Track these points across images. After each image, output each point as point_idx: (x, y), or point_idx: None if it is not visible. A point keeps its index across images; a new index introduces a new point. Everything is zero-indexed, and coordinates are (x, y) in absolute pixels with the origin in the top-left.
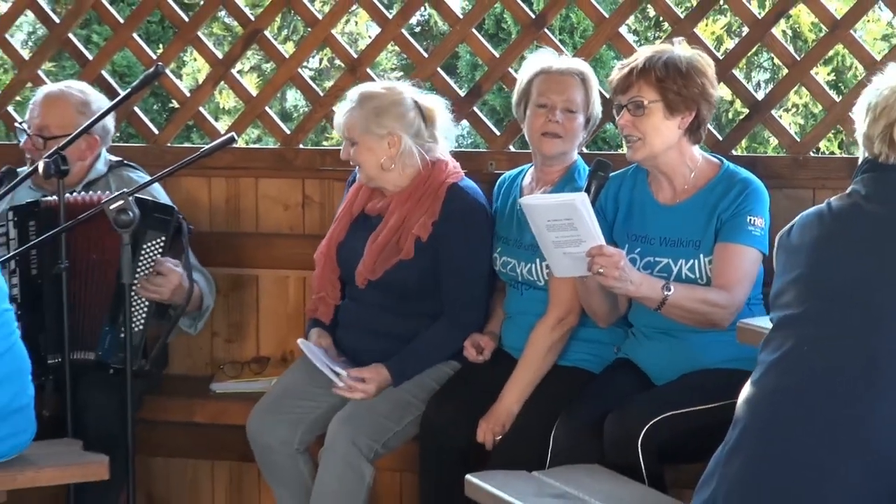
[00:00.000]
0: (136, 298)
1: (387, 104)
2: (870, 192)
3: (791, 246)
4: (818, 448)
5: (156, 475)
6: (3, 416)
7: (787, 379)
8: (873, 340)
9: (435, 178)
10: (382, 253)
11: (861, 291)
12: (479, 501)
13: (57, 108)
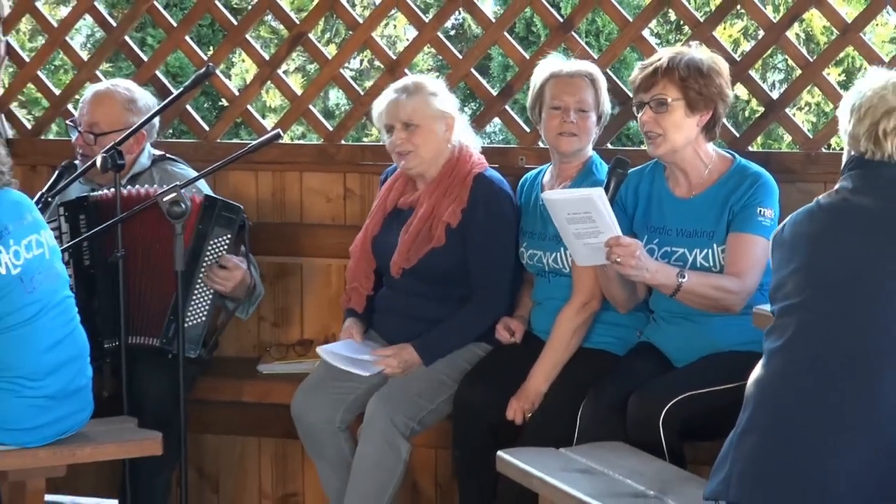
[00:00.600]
0: (201, 290)
1: (439, 89)
2: (857, 186)
3: (786, 242)
4: (824, 427)
5: (206, 451)
6: (64, 396)
7: (792, 363)
8: (871, 324)
9: (461, 168)
10: (415, 242)
11: (855, 279)
12: (510, 476)
13: (105, 106)
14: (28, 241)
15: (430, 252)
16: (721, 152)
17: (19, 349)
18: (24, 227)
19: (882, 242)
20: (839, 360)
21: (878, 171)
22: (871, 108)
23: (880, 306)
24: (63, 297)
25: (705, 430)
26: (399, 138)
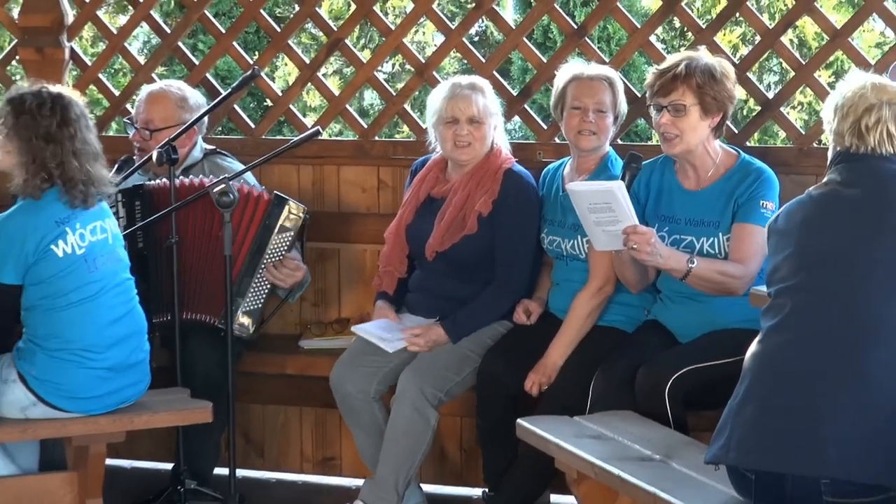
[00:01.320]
0: (260, 281)
1: (493, 93)
2: (844, 178)
3: (780, 230)
4: (816, 396)
5: (252, 419)
6: (123, 369)
7: (786, 338)
8: (857, 304)
9: (493, 163)
10: (450, 229)
11: (844, 261)
12: (528, 442)
13: (159, 105)
14: (93, 226)
15: (462, 239)
16: (727, 148)
17: (82, 323)
18: (90, 214)
19: (867, 230)
20: (829, 336)
21: (863, 163)
22: (853, 107)
23: (865, 288)
24: (123, 279)
25: (707, 400)
26: (465, 130)
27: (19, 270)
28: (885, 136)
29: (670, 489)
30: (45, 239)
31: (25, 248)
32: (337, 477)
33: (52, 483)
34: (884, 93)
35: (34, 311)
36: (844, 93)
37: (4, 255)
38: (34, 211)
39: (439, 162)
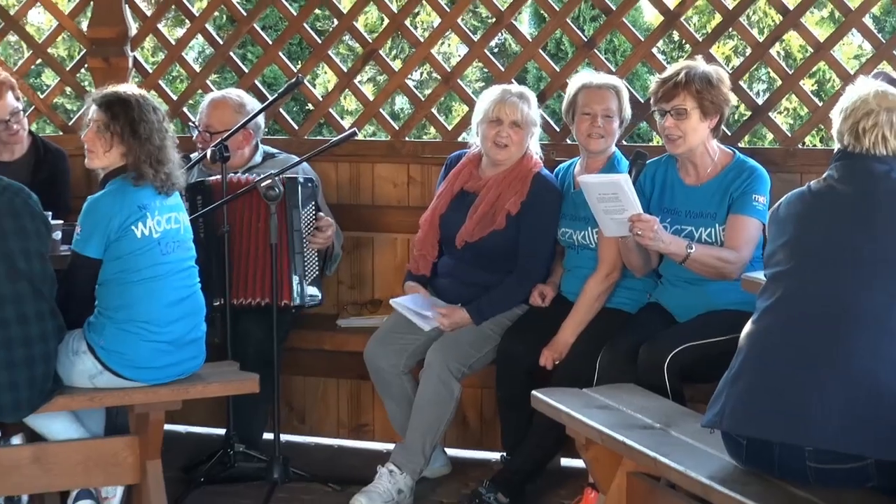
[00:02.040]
0: (309, 252)
1: (536, 105)
2: (840, 175)
3: (780, 219)
4: (804, 370)
5: (295, 390)
6: (182, 345)
7: (779, 318)
8: (844, 290)
9: (524, 167)
10: (480, 223)
11: (833, 253)
12: (542, 411)
13: (219, 110)
14: (168, 216)
15: (491, 233)
16: (724, 148)
17: (148, 299)
18: (167, 206)
19: (857, 223)
20: (818, 318)
21: (858, 162)
22: (855, 110)
23: (852, 276)
24: (189, 266)
25: (702, 374)
26: (506, 132)
27: (102, 245)
28: (879, 138)
29: (669, 454)
30: (128, 220)
31: (110, 226)
32: (369, 441)
33: (116, 446)
34: (885, 100)
35: (109, 285)
36: (851, 97)
37: (92, 230)
38: (122, 195)
39: (474, 159)
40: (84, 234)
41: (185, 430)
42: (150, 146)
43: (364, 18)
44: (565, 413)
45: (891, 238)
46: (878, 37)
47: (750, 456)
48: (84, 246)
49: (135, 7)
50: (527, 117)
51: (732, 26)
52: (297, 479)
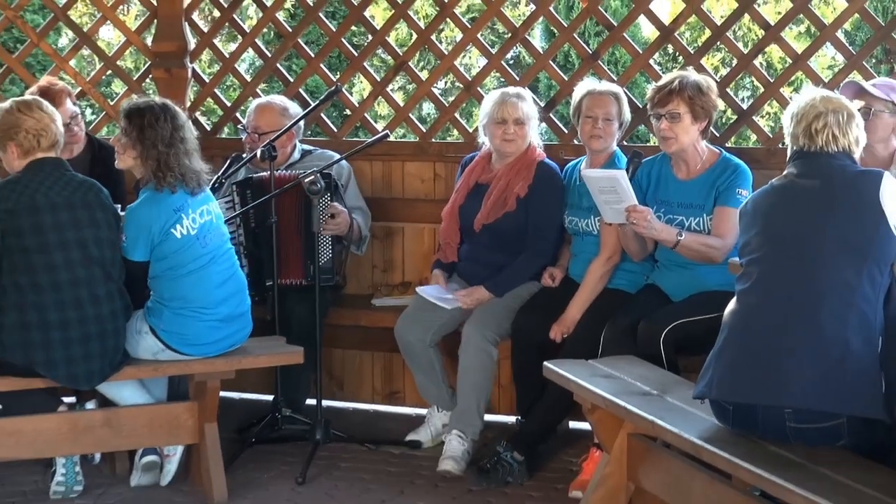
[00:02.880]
0: (322, 238)
1: (532, 101)
2: (800, 171)
3: (748, 213)
4: (779, 343)
5: (334, 361)
6: (231, 319)
7: (756, 298)
8: (810, 271)
9: (529, 157)
10: (494, 206)
11: (800, 238)
12: (553, 380)
13: (266, 114)
14: (201, 210)
15: (504, 215)
16: (712, 147)
17: (197, 287)
18: (198, 200)
19: (819, 212)
20: (788, 298)
21: (814, 159)
22: (805, 114)
23: (817, 259)
24: (227, 249)
25: (694, 347)
26: (511, 129)
27: (147, 249)
28: (830, 137)
29: (664, 417)
30: (167, 224)
31: (152, 231)
32: (400, 406)
33: (178, 410)
34: (829, 103)
35: (160, 279)
36: (799, 103)
37: (136, 238)
38: (156, 202)
39: (485, 156)
40: (129, 241)
41: (238, 396)
42: (154, 151)
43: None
44: (573, 381)
45: (849, 223)
46: (849, 49)
47: (736, 419)
48: (132, 252)
49: (193, 24)
50: (526, 113)
51: (720, 40)
52: (337, 439)
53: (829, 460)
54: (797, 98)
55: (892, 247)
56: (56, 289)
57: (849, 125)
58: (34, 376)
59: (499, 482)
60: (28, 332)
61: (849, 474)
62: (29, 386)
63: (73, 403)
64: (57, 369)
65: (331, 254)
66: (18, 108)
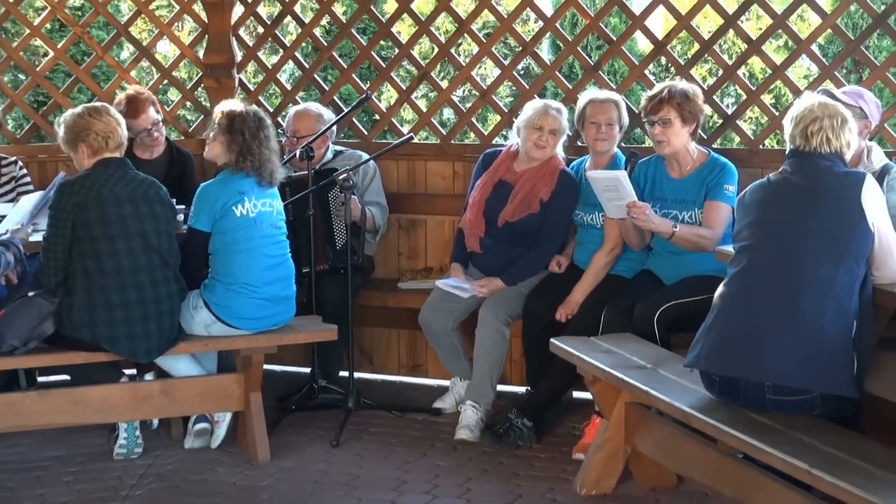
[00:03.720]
0: (337, 224)
1: (567, 117)
2: (793, 169)
3: (745, 204)
4: (763, 322)
5: (365, 338)
6: (277, 301)
7: (745, 282)
8: (795, 259)
9: (552, 164)
10: (519, 207)
11: (787, 230)
12: (559, 355)
13: (303, 120)
14: (264, 201)
15: (527, 216)
16: (701, 148)
17: (247, 265)
18: (265, 194)
19: (806, 208)
20: (775, 281)
21: (807, 159)
22: (803, 118)
23: (801, 250)
24: (280, 239)
25: (684, 326)
26: (546, 137)
27: (210, 221)
28: (824, 139)
29: (657, 388)
30: (229, 202)
31: (216, 205)
32: (423, 378)
33: (226, 381)
34: (826, 109)
35: (217, 255)
36: (799, 107)
37: (201, 209)
38: (226, 182)
39: (511, 155)
40: (196, 212)
41: (280, 369)
42: (240, 137)
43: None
44: (577, 356)
45: (833, 219)
46: (822, 61)
47: (721, 390)
48: (196, 221)
49: (240, 39)
50: (562, 127)
51: (708, 53)
52: (367, 407)
53: (804, 427)
54: (798, 103)
55: (868, 242)
56: (119, 274)
57: (842, 129)
58: (99, 351)
59: (510, 445)
60: (94, 312)
61: (821, 439)
62: (95, 359)
63: (134, 375)
64: (119, 345)
65: (345, 238)
66: (89, 113)
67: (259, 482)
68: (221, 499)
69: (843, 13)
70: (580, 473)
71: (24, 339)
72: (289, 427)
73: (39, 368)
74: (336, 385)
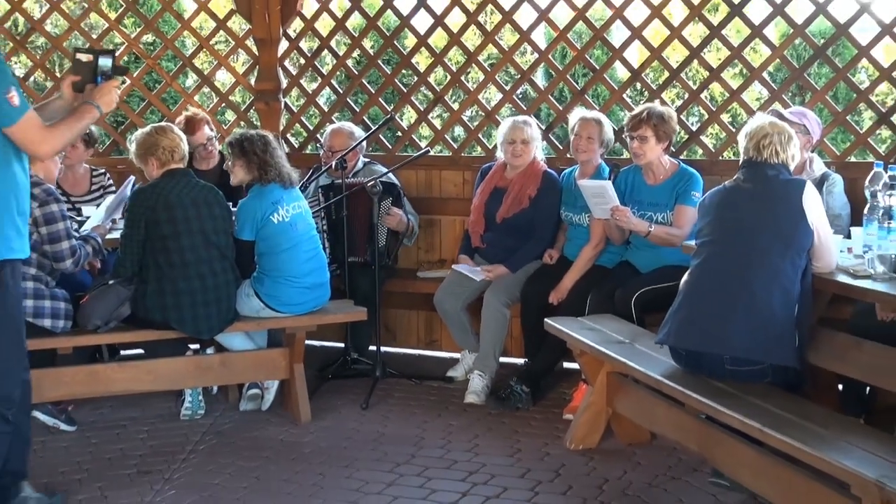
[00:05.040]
0: (380, 228)
1: (537, 126)
2: (746, 177)
3: (705, 206)
4: (722, 305)
5: (389, 317)
6: (315, 287)
7: (705, 271)
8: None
9: (535, 168)
10: (512, 204)
11: (741, 227)
12: (552, 332)
13: (338, 137)
14: (293, 204)
15: (519, 211)
16: (672, 160)
17: (290, 261)
18: (292, 197)
19: (756, 209)
20: (730, 271)
21: (758, 168)
22: (756, 133)
23: (752, 244)
24: (312, 235)
25: (657, 308)
26: (518, 147)
27: (253, 231)
28: (773, 152)
29: (634, 360)
30: (267, 212)
31: (256, 217)
32: (438, 351)
33: (274, 355)
34: (775, 127)
35: (264, 256)
36: (752, 125)
37: (244, 222)
38: (260, 195)
39: (501, 166)
40: (240, 225)
41: (319, 344)
42: (255, 157)
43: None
44: (566, 333)
45: (779, 219)
46: (772, 86)
47: (687, 362)
48: (241, 232)
49: (285, 69)
50: (529, 135)
51: (675, 79)
52: (391, 376)
53: (757, 392)
54: (751, 121)
55: (809, 238)
56: (184, 266)
57: (788, 144)
58: (168, 329)
59: (511, 407)
60: (164, 297)
61: (771, 402)
62: (164, 336)
63: (197, 349)
64: (185, 325)
65: (385, 242)
66: (156, 131)
67: (301, 438)
68: (270, 452)
69: (789, 46)
70: (569, 431)
71: (105, 320)
72: (326, 393)
73: (119, 344)
74: (365, 357)
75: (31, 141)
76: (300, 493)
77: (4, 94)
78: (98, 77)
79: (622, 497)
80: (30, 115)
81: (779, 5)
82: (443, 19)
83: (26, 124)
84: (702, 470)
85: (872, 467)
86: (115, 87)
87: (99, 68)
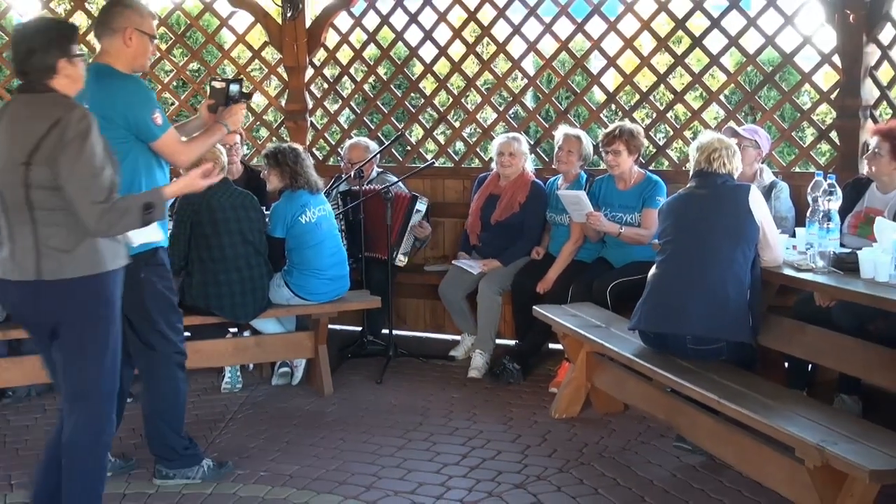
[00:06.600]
0: (409, 237)
1: (525, 141)
2: (698, 185)
3: (664, 211)
4: (683, 293)
5: (400, 305)
6: (336, 279)
7: (668, 265)
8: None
9: (525, 177)
10: (505, 209)
11: (696, 228)
12: (539, 318)
13: (356, 150)
14: (319, 208)
15: (511, 214)
16: (640, 170)
17: (316, 257)
18: (318, 202)
19: (710, 210)
20: (690, 263)
21: (709, 178)
22: (706, 148)
23: (707, 241)
24: (335, 234)
25: (629, 297)
26: (507, 159)
27: (284, 230)
28: (722, 163)
29: (609, 341)
30: (296, 213)
31: (286, 217)
32: (443, 334)
33: (301, 337)
34: (723, 143)
35: (293, 251)
36: (702, 140)
37: (277, 221)
38: (291, 200)
39: (496, 176)
40: (273, 224)
41: (340, 327)
42: (287, 167)
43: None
44: (552, 318)
45: (729, 218)
46: (728, 106)
47: (654, 342)
48: (273, 230)
49: (311, 93)
50: (517, 149)
51: (645, 101)
52: (402, 356)
53: (715, 369)
54: (701, 137)
55: (755, 232)
56: (224, 261)
57: (734, 157)
58: (211, 315)
59: (504, 382)
60: (207, 287)
61: (727, 378)
62: (207, 321)
63: (235, 332)
64: (225, 311)
65: (410, 247)
66: None
67: (325, 409)
68: (299, 420)
69: (743, 72)
70: (554, 402)
71: None
72: (346, 370)
73: None
74: (379, 339)
75: (171, 153)
76: (324, 455)
77: (150, 115)
78: (228, 101)
79: (599, 459)
80: (170, 132)
81: (733, 37)
82: (446, 50)
83: (168, 139)
84: (668, 435)
85: (814, 433)
86: (242, 110)
87: (229, 93)
